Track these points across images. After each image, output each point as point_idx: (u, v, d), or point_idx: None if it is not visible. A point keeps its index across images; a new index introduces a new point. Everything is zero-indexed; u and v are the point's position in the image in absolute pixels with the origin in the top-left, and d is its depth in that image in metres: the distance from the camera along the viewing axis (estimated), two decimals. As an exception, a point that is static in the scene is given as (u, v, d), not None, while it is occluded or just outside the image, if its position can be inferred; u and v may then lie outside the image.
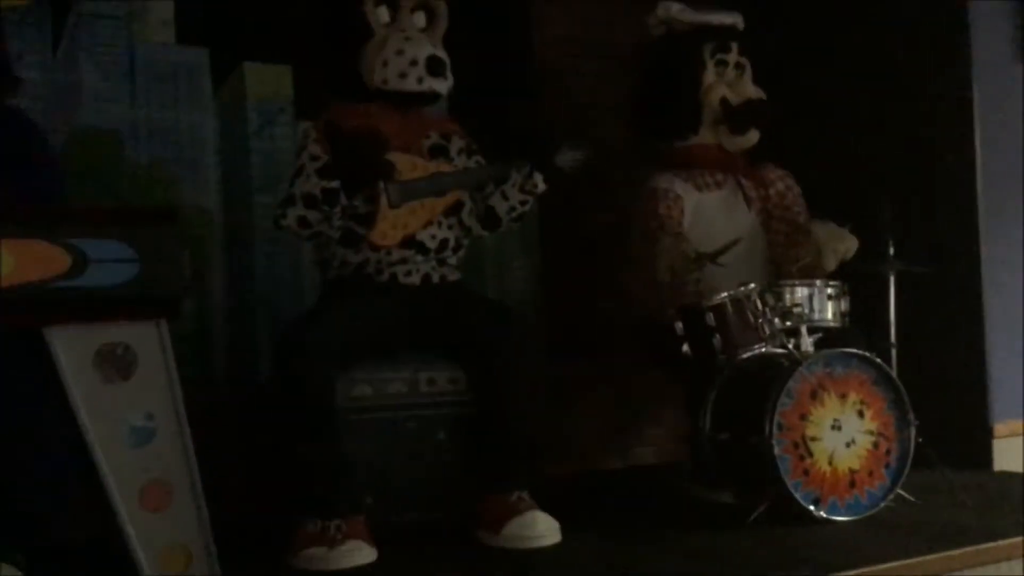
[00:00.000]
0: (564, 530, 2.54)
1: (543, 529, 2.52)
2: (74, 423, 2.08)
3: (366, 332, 2.66)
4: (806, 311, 2.84)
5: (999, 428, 3.36)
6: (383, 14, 2.80)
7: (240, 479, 2.85)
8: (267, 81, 3.32)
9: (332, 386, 2.57)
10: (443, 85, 2.79)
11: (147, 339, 2.13)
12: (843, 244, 3.06)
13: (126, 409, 2.12)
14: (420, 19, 2.85)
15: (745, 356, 2.85)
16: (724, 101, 3.22)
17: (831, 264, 3.05)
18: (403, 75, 2.74)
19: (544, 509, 2.56)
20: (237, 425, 2.97)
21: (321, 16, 2.90)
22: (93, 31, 3.13)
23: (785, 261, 3.16)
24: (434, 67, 2.74)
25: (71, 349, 2.08)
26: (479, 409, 2.68)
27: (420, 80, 2.74)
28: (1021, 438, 3.40)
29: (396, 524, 2.62)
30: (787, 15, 3.74)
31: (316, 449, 2.53)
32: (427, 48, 2.76)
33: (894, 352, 2.98)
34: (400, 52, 2.74)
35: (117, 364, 2.12)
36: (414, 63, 2.73)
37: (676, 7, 3.27)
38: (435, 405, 2.73)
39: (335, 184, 2.61)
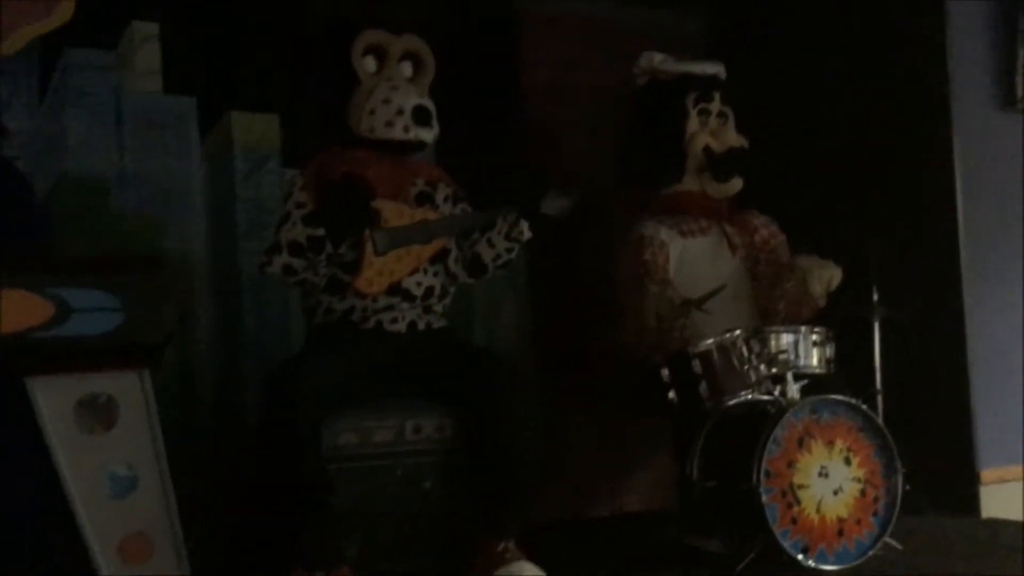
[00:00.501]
0: (551, 580, 2.52)
1: (530, 579, 2.49)
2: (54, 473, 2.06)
3: (352, 380, 2.65)
4: (792, 357, 2.85)
5: (986, 474, 3.36)
6: (370, 63, 2.83)
7: (224, 531, 2.82)
8: (254, 129, 3.33)
9: (318, 434, 2.55)
10: (429, 134, 2.80)
11: (130, 389, 2.13)
12: (828, 272, 3.07)
13: (107, 460, 2.11)
14: (407, 68, 2.88)
15: (732, 403, 2.85)
16: (707, 149, 3.24)
17: (817, 290, 3.05)
18: (390, 124, 2.75)
19: (531, 558, 2.53)
20: (222, 474, 2.94)
21: (309, 65, 2.92)
22: (80, 80, 3.14)
23: (771, 304, 3.17)
24: (420, 116, 2.76)
25: (52, 399, 2.07)
26: (471, 458, 2.66)
27: (406, 129, 2.76)
28: (1018, 484, 3.40)
29: (382, 574, 2.59)
30: (771, 65, 3.78)
31: (301, 499, 2.51)
32: (413, 97, 2.78)
33: (880, 398, 2.98)
34: (387, 101, 2.76)
35: (99, 414, 2.11)
36: (400, 112, 2.75)
37: (659, 57, 3.31)
38: (421, 453, 2.71)
39: (321, 232, 2.61)
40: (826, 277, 3.06)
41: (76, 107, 3.12)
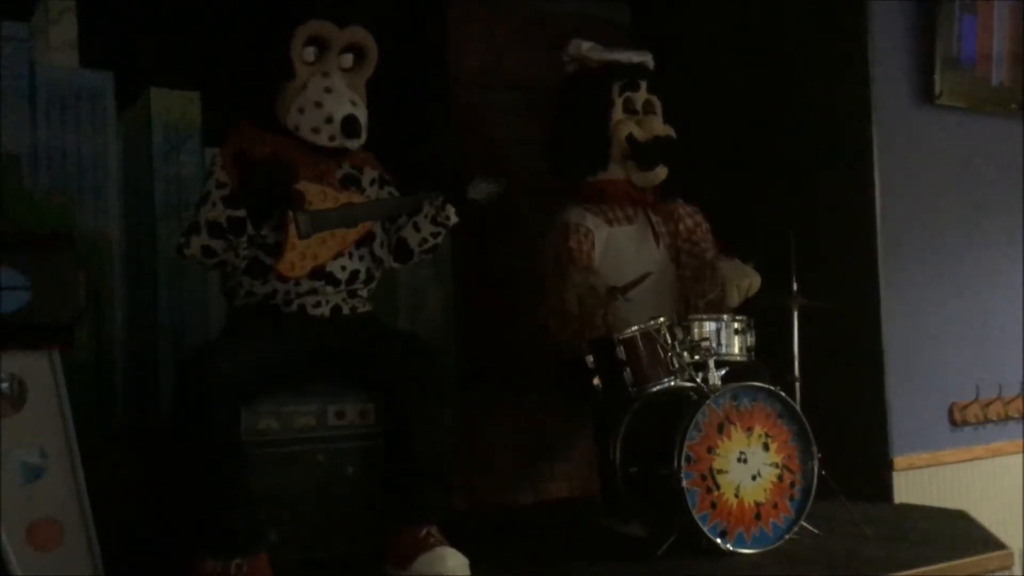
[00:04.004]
0: (473, 565, 2.51)
1: (452, 565, 2.48)
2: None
3: (273, 364, 2.61)
4: (714, 345, 2.88)
5: (898, 461, 3.45)
6: (309, 53, 2.75)
7: (137, 516, 2.75)
8: (174, 107, 3.26)
9: (236, 419, 2.51)
10: (355, 143, 2.76)
11: (39, 370, 2.07)
12: (747, 280, 3.11)
13: (16, 443, 2.04)
14: (347, 60, 2.81)
15: (655, 389, 2.87)
16: (631, 138, 3.26)
17: (735, 300, 3.10)
18: (316, 130, 2.71)
19: (454, 544, 2.52)
20: (136, 459, 2.88)
21: (242, 45, 2.85)
22: (-7, 52, 3.04)
23: (693, 295, 3.21)
24: (349, 128, 2.71)
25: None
26: (387, 442, 2.65)
27: (332, 138, 2.72)
28: (928, 470, 3.49)
29: (302, 561, 2.56)
30: (694, 57, 3.82)
31: (218, 484, 2.46)
32: (345, 104, 2.72)
33: (798, 386, 3.04)
34: (319, 104, 2.70)
35: (7, 396, 2.04)
36: (329, 120, 2.70)
37: (586, 45, 3.31)
38: (344, 439, 2.69)
39: (241, 213, 2.56)
40: (744, 285, 3.11)
41: (-12, 80, 3.02)
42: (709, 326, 2.91)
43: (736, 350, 2.92)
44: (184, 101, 3.28)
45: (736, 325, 2.93)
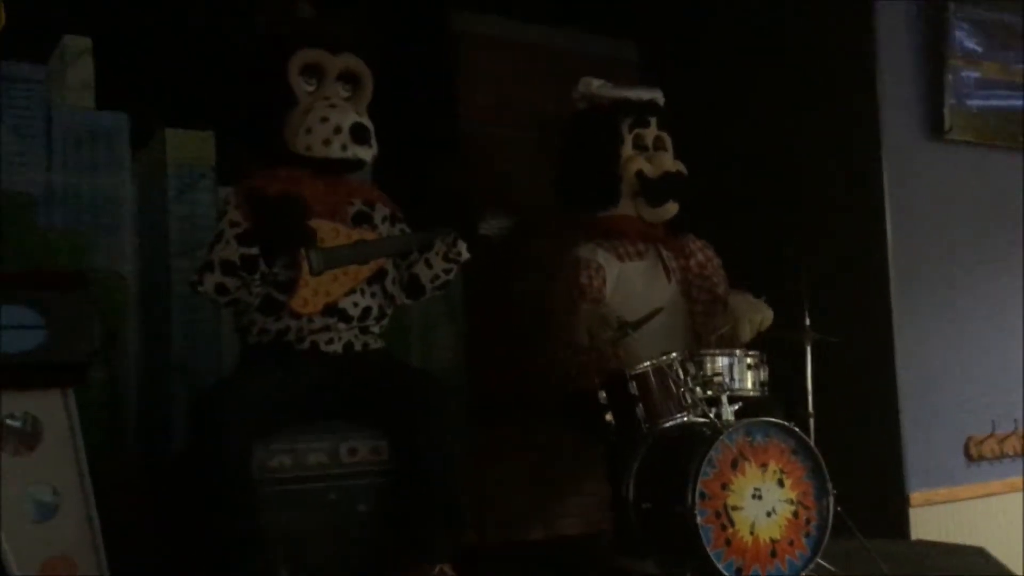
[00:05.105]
0: (486, 603, 2.50)
1: (464, 603, 2.47)
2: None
3: (286, 401, 2.61)
4: (726, 380, 2.87)
5: (915, 497, 3.41)
6: (307, 82, 2.80)
7: (150, 553, 2.74)
8: (188, 147, 3.29)
9: (249, 456, 2.51)
10: (367, 153, 2.79)
11: (53, 408, 2.07)
12: (759, 315, 3.10)
13: (29, 481, 2.04)
14: (344, 87, 2.86)
15: (667, 425, 2.86)
16: (640, 174, 3.27)
17: (747, 335, 3.09)
18: (327, 142, 2.73)
19: (466, 582, 2.51)
20: (148, 496, 2.87)
21: (244, 82, 2.89)
22: (10, 93, 3.07)
23: (704, 331, 3.20)
24: (358, 134, 2.74)
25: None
26: (399, 478, 2.64)
27: (344, 147, 2.74)
28: (945, 506, 3.46)
29: (314, 599, 2.55)
30: (702, 93, 3.84)
31: (231, 522, 2.45)
32: (351, 116, 2.76)
33: (812, 421, 3.02)
34: (324, 119, 2.74)
35: (21, 435, 2.04)
36: (338, 131, 2.73)
37: (596, 83, 3.34)
38: (357, 475, 2.68)
39: (254, 251, 2.57)
40: (757, 320, 3.10)
41: (5, 121, 3.06)
42: (722, 361, 2.90)
43: (749, 385, 2.91)
44: (198, 141, 3.31)
45: (749, 360, 2.92)
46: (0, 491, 2.00)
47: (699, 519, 2.63)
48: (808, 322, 3.04)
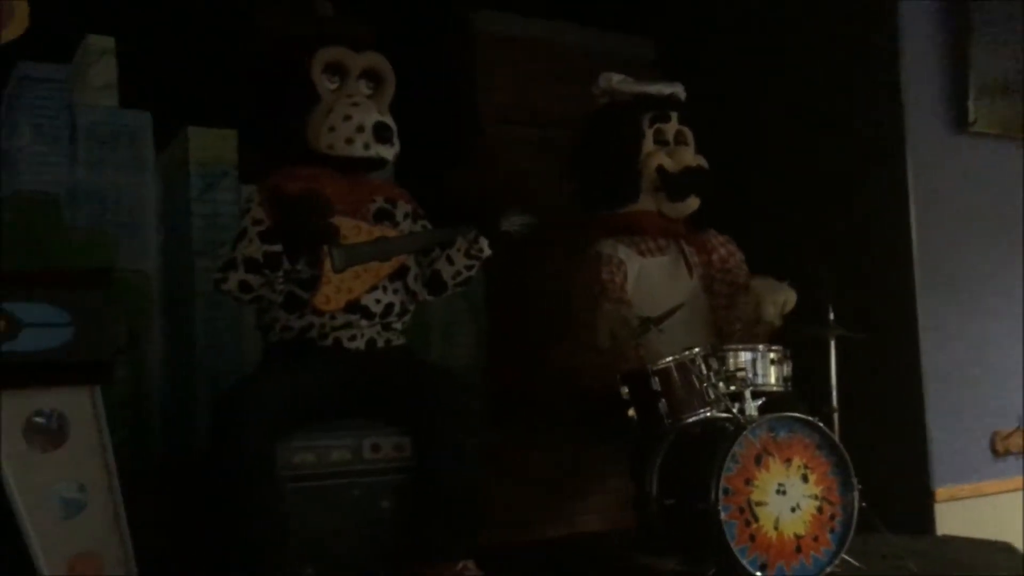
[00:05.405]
0: (509, 600, 2.50)
1: (488, 599, 2.47)
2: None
3: (308, 398, 2.62)
4: (749, 375, 2.85)
5: (940, 492, 3.39)
6: (330, 80, 2.81)
7: (175, 550, 2.76)
8: (211, 145, 3.31)
9: (272, 453, 2.52)
10: (390, 151, 2.79)
11: (79, 406, 2.09)
12: (782, 296, 3.08)
13: (57, 478, 2.06)
14: (366, 85, 2.86)
15: (690, 420, 2.85)
16: (661, 169, 3.26)
17: (770, 315, 3.06)
18: (350, 140, 2.74)
19: (489, 578, 2.51)
20: (173, 493, 2.89)
21: (267, 80, 2.90)
22: (34, 93, 3.10)
23: (727, 325, 3.19)
24: (381, 133, 2.74)
25: (2, 415, 2.01)
26: (419, 475, 2.64)
27: (367, 146, 2.74)
28: (970, 501, 3.43)
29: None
30: (724, 89, 3.82)
31: (254, 519, 2.47)
32: (374, 114, 2.77)
33: (836, 416, 3.00)
34: (347, 118, 2.74)
35: (48, 432, 2.05)
36: (361, 129, 2.73)
37: (617, 78, 3.33)
38: (379, 472, 2.68)
39: (277, 248, 2.58)
40: (780, 300, 3.08)
41: (29, 121, 3.08)
42: (745, 356, 2.88)
43: (772, 380, 2.89)
44: (220, 139, 3.33)
45: (772, 355, 2.90)
46: (28, 487, 2.02)
47: (723, 515, 2.63)
48: (832, 317, 3.02)
